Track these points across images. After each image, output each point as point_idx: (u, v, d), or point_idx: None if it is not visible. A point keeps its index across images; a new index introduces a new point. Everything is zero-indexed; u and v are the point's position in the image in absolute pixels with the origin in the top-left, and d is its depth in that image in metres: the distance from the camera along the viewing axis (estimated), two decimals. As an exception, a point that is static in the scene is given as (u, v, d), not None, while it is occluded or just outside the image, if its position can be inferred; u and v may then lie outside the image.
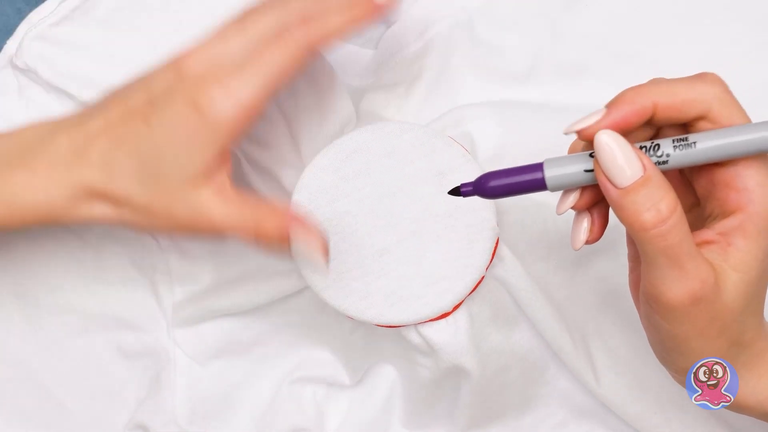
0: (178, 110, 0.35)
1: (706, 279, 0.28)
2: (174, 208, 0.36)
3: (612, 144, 0.28)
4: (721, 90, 0.29)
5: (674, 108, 0.29)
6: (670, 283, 0.28)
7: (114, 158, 0.36)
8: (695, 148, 0.28)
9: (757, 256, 0.29)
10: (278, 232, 0.36)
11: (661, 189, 0.28)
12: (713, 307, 0.29)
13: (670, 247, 0.28)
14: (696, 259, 0.28)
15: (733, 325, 0.30)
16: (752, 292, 0.29)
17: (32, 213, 0.36)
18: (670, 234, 0.28)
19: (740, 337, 0.30)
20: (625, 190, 0.28)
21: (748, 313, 0.30)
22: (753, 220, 0.28)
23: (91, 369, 0.46)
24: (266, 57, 0.34)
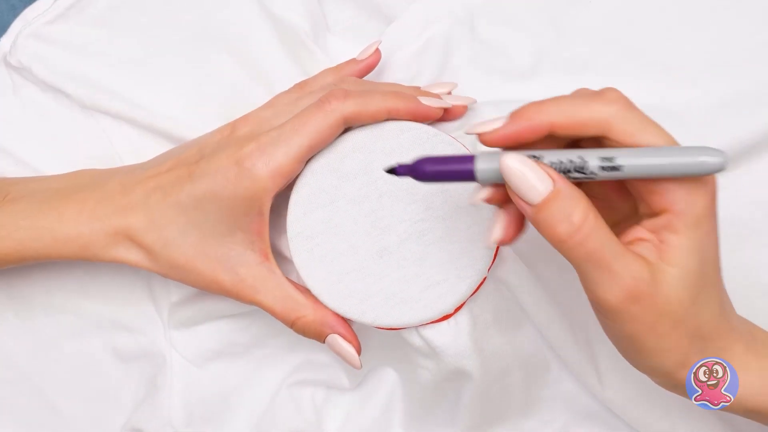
0: (221, 164, 0.37)
1: (638, 276, 0.29)
2: (217, 271, 0.39)
3: (518, 167, 0.29)
4: (619, 108, 0.29)
5: (571, 127, 0.30)
6: (603, 285, 0.29)
7: (158, 207, 0.39)
8: (622, 171, 0.28)
9: (690, 250, 0.29)
10: (316, 330, 0.39)
11: (572, 200, 0.29)
12: (655, 301, 0.29)
13: (591, 253, 0.29)
14: (623, 258, 0.29)
15: (686, 319, 0.30)
16: (695, 284, 0.30)
17: (73, 245, 0.39)
18: (588, 241, 0.29)
19: (698, 331, 0.31)
20: (537, 207, 0.29)
21: (701, 306, 0.30)
22: (680, 219, 0.29)
23: (87, 371, 0.46)
24: (304, 124, 0.37)
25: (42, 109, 0.46)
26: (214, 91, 0.45)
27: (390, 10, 0.46)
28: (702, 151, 0.27)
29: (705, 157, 0.27)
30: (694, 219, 0.29)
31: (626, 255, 0.29)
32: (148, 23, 0.46)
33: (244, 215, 0.38)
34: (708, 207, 0.29)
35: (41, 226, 0.39)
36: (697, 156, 0.27)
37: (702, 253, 0.30)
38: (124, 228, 0.39)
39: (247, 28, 0.45)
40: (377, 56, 0.43)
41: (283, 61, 0.44)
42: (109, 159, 0.46)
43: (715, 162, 0.27)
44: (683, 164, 0.28)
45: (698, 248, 0.30)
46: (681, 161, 0.28)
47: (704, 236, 0.30)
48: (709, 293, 0.31)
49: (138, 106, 0.45)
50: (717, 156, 0.27)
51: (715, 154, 0.27)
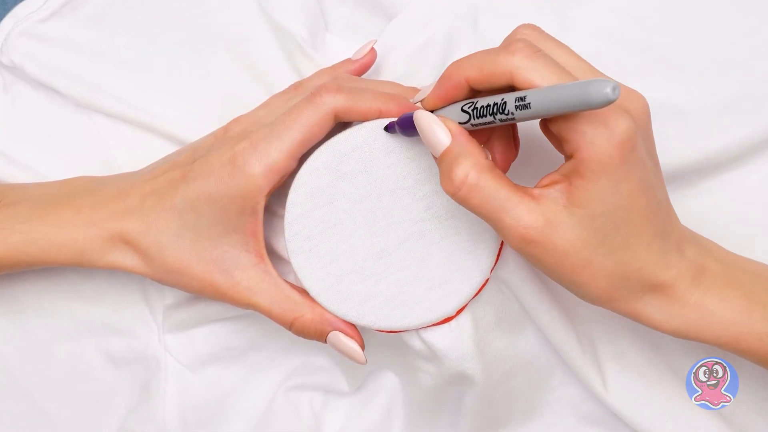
0: (214, 165, 0.38)
1: (528, 224, 0.31)
2: (212, 274, 0.39)
3: (424, 121, 0.33)
4: (521, 57, 0.31)
5: (484, 80, 0.32)
6: (502, 234, 0.32)
7: (153, 211, 0.39)
8: (532, 109, 0.30)
9: (595, 194, 0.31)
10: (315, 328, 0.39)
11: (458, 156, 0.32)
12: (554, 244, 0.31)
13: (478, 207, 0.32)
14: (513, 210, 0.31)
15: (596, 258, 0.32)
16: (603, 226, 0.31)
17: (69, 250, 0.40)
18: (470, 197, 0.32)
19: (618, 269, 0.33)
20: (438, 160, 0.33)
21: (617, 247, 0.32)
22: (584, 164, 0.31)
23: (79, 375, 0.46)
24: (295, 119, 0.37)
25: (33, 107, 0.46)
26: (212, 91, 0.45)
27: (390, 7, 0.46)
28: (591, 82, 0.28)
29: (596, 86, 0.27)
30: (598, 165, 0.30)
31: (518, 205, 0.31)
32: (144, 22, 0.46)
33: (239, 215, 0.38)
34: (614, 154, 0.30)
35: (37, 230, 0.40)
36: (585, 86, 0.28)
37: (612, 197, 0.31)
38: (119, 232, 0.39)
39: (246, 29, 0.45)
40: (372, 56, 0.43)
41: (282, 63, 0.44)
42: (103, 158, 0.46)
43: (605, 92, 0.27)
44: (574, 94, 0.28)
45: (605, 193, 0.31)
46: (571, 91, 0.28)
47: (614, 181, 0.31)
48: (629, 234, 0.32)
49: (134, 106, 0.45)
50: (604, 86, 0.27)
51: (604, 84, 0.27)
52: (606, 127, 0.30)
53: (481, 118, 0.32)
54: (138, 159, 0.45)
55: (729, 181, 0.42)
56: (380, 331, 0.40)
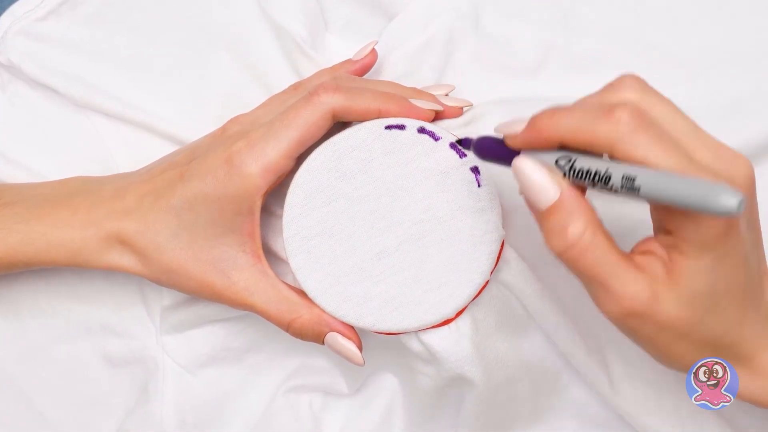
0: (211, 164, 0.38)
1: (635, 295, 0.29)
2: (208, 275, 0.39)
3: (528, 171, 0.31)
4: (626, 131, 0.29)
5: (580, 143, 0.30)
6: (601, 300, 0.30)
7: (150, 210, 0.39)
8: (640, 194, 0.28)
9: (696, 272, 0.30)
10: (313, 329, 0.39)
11: (572, 214, 0.30)
12: (655, 319, 0.30)
13: (587, 270, 0.30)
14: (621, 276, 0.29)
15: (692, 333, 0.31)
16: (702, 303, 0.30)
17: (66, 250, 0.39)
18: (583, 257, 0.30)
19: (710, 343, 0.31)
20: (542, 214, 0.30)
21: (712, 322, 0.31)
22: (686, 243, 0.29)
23: (76, 377, 0.46)
24: (293, 118, 0.37)
25: (31, 107, 0.46)
26: (211, 91, 0.45)
27: (390, 7, 0.46)
28: (720, 190, 0.26)
29: (723, 198, 0.26)
30: (701, 245, 0.29)
31: (626, 272, 0.30)
32: (143, 22, 0.46)
33: (236, 215, 0.38)
34: (718, 235, 0.29)
35: (34, 230, 0.39)
36: (715, 195, 0.26)
37: (713, 276, 0.30)
38: (117, 232, 0.39)
39: (246, 29, 0.45)
40: (373, 57, 0.42)
41: (282, 64, 0.44)
42: (101, 158, 0.46)
43: (730, 205, 0.26)
44: (698, 199, 0.27)
45: (707, 271, 0.30)
46: (697, 195, 0.27)
47: (716, 260, 0.29)
48: (725, 310, 0.31)
49: (133, 106, 0.45)
50: (731, 198, 0.26)
51: (730, 196, 0.26)
52: None
53: (576, 179, 0.30)
54: (136, 159, 0.44)
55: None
56: (379, 333, 0.40)
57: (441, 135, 0.39)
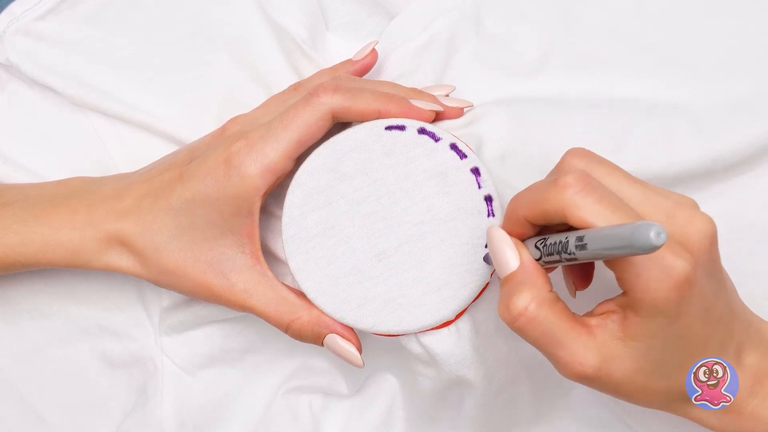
0: (210, 165, 0.38)
1: (584, 362, 0.31)
2: (207, 276, 0.39)
3: (494, 238, 0.33)
4: (572, 194, 0.30)
5: (540, 218, 0.32)
6: (554, 365, 0.32)
7: (149, 211, 0.39)
8: (588, 251, 0.29)
9: (652, 330, 0.30)
10: (312, 331, 0.39)
11: (520, 285, 0.31)
12: (610, 378, 0.31)
13: (533, 340, 0.31)
14: (569, 345, 0.31)
15: (651, 384, 0.32)
16: (658, 359, 0.31)
17: (64, 251, 0.39)
18: (527, 329, 0.31)
19: (674, 390, 0.32)
20: (501, 282, 0.33)
21: (673, 374, 0.32)
22: (639, 303, 0.30)
23: (74, 378, 0.46)
24: (292, 118, 0.37)
25: (29, 106, 0.46)
26: (210, 91, 0.45)
27: (391, 6, 0.45)
28: (636, 227, 0.26)
29: (638, 232, 0.26)
30: (653, 306, 0.30)
31: (575, 341, 0.31)
32: (142, 21, 0.46)
33: (234, 216, 0.38)
34: (670, 297, 0.30)
35: (32, 231, 0.39)
36: (631, 232, 0.26)
37: (668, 331, 0.31)
38: (115, 233, 0.39)
39: (245, 29, 0.45)
40: (374, 57, 0.42)
41: (282, 64, 0.44)
42: (100, 158, 0.46)
43: (646, 236, 0.26)
44: (621, 239, 0.27)
45: (661, 328, 0.30)
46: (619, 235, 0.27)
47: (670, 319, 0.30)
48: (685, 359, 0.32)
49: (131, 105, 0.45)
50: (648, 231, 0.26)
51: (647, 229, 0.26)
52: (661, 270, 0.29)
53: (550, 256, 0.32)
54: (135, 159, 0.44)
55: (739, 184, 0.41)
56: (378, 335, 0.39)
57: (441, 136, 0.38)
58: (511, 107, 0.42)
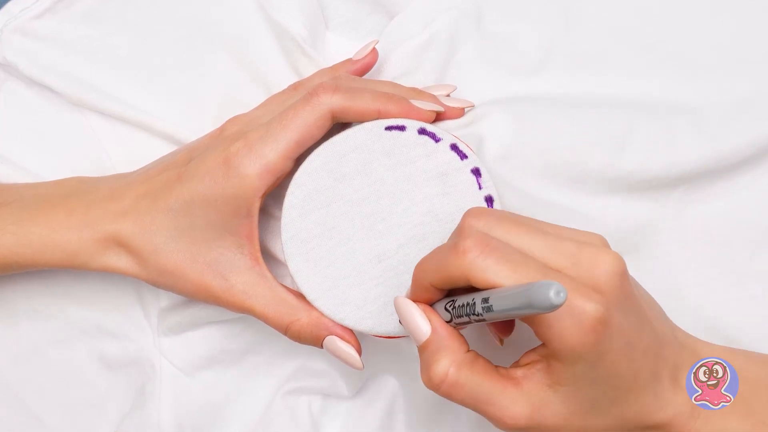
0: (209, 165, 0.37)
1: (515, 415, 0.31)
2: (206, 277, 0.38)
3: (402, 308, 0.34)
4: (472, 258, 0.30)
5: (446, 283, 0.32)
6: (489, 420, 0.32)
7: (148, 211, 0.39)
8: (494, 312, 0.29)
9: (575, 374, 0.31)
10: (311, 333, 0.39)
11: (437, 352, 0.32)
12: (544, 426, 0.32)
13: (462, 402, 0.32)
14: (498, 401, 0.31)
15: (593, 424, 0.32)
16: (588, 399, 0.32)
17: (62, 252, 0.39)
18: (452, 393, 0.32)
19: (626, 423, 0.33)
20: (419, 350, 0.33)
21: (607, 412, 0.32)
22: (559, 351, 0.30)
23: (71, 380, 0.45)
24: (292, 118, 0.37)
25: (27, 106, 0.46)
26: (209, 91, 0.45)
27: (392, 5, 0.45)
28: (533, 288, 0.26)
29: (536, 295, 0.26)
30: (571, 353, 0.30)
31: (502, 395, 0.32)
32: (140, 20, 0.46)
33: (233, 217, 0.37)
34: (585, 341, 0.30)
35: (30, 231, 0.39)
36: (529, 294, 0.26)
37: (593, 373, 0.31)
38: (113, 234, 0.39)
39: (245, 28, 0.45)
40: (374, 56, 0.42)
41: (281, 63, 0.44)
42: (98, 158, 0.45)
43: (545, 296, 0.26)
44: (522, 301, 0.27)
45: (585, 371, 0.31)
46: (519, 298, 0.27)
47: (592, 361, 0.31)
48: (617, 395, 0.32)
49: (129, 105, 0.45)
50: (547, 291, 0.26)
51: (546, 290, 0.26)
52: (573, 318, 0.30)
53: (459, 318, 0.32)
54: (133, 159, 0.44)
55: (741, 184, 0.41)
56: (378, 337, 0.39)
57: (442, 136, 0.38)
58: (511, 107, 0.42)
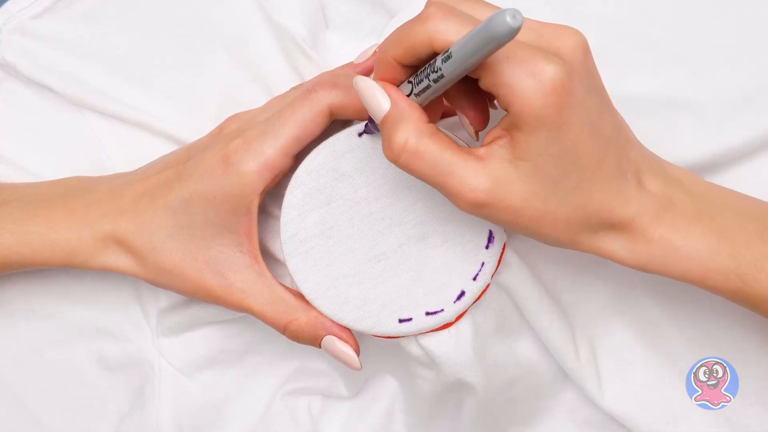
0: (208, 163, 0.37)
1: (476, 188, 0.31)
2: (204, 275, 0.38)
3: (361, 85, 0.33)
4: (435, 22, 0.30)
5: (409, 55, 0.31)
6: (450, 198, 0.32)
7: (147, 210, 0.39)
8: (455, 62, 0.29)
9: (537, 145, 0.30)
10: (309, 333, 0.39)
11: (396, 122, 0.32)
12: (506, 203, 0.31)
13: (421, 172, 0.32)
14: (459, 173, 0.31)
15: (551, 207, 0.32)
16: (552, 176, 0.31)
17: (61, 251, 0.39)
18: (412, 163, 0.31)
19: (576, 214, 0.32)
20: (380, 127, 0.33)
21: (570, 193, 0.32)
22: (520, 117, 0.30)
23: (70, 380, 0.45)
24: (290, 115, 0.37)
25: (26, 106, 0.46)
26: (209, 91, 0.45)
27: (392, 4, 0.45)
28: (492, 16, 0.27)
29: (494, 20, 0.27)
30: (532, 117, 0.30)
31: (463, 168, 0.31)
32: (139, 20, 0.45)
33: (232, 214, 0.37)
34: (547, 103, 0.30)
35: (29, 231, 0.39)
36: (488, 22, 0.27)
37: (555, 146, 0.30)
38: (112, 232, 0.39)
39: (245, 27, 0.45)
40: None
41: (281, 63, 0.44)
42: (97, 158, 0.45)
43: (502, 20, 0.26)
44: (482, 34, 0.27)
45: (547, 142, 0.30)
46: (479, 31, 0.28)
47: (554, 129, 0.30)
48: (580, 178, 0.32)
49: (129, 105, 0.45)
50: (503, 14, 0.26)
51: (502, 13, 0.26)
52: (532, 77, 0.30)
53: (420, 85, 0.32)
54: (132, 159, 0.44)
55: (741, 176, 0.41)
56: (377, 337, 0.39)
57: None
58: None
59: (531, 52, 0.30)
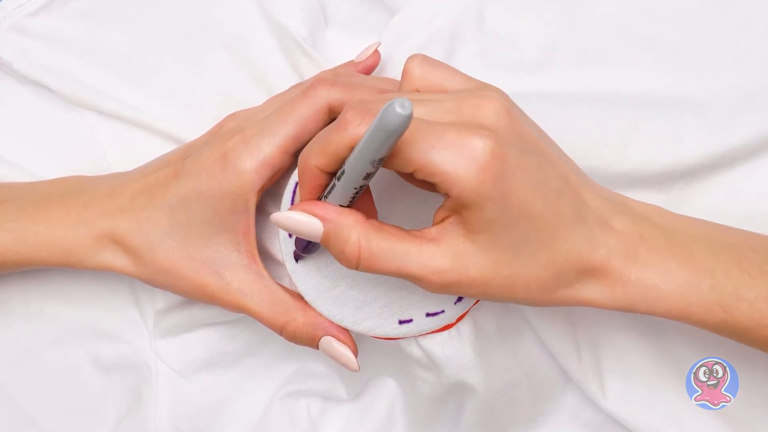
0: (206, 161, 0.37)
1: (439, 269, 0.31)
2: (201, 275, 0.38)
3: (283, 221, 0.33)
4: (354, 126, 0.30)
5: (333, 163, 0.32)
6: (418, 284, 0.32)
7: (144, 209, 0.38)
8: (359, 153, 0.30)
9: (487, 218, 0.31)
10: (307, 333, 0.38)
11: (339, 235, 0.32)
12: (471, 277, 0.31)
13: (386, 271, 0.32)
14: (418, 260, 0.31)
15: (516, 271, 0.32)
16: (511, 242, 0.31)
17: (58, 250, 0.39)
18: (374, 265, 0.31)
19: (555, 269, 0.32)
20: (325, 246, 0.33)
21: (532, 254, 0.32)
22: (463, 198, 0.30)
23: (67, 382, 0.45)
24: (290, 112, 0.37)
25: (22, 104, 0.45)
26: (208, 90, 0.45)
27: (393, 2, 0.45)
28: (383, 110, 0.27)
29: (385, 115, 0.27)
30: (473, 195, 0.30)
31: (420, 253, 0.31)
32: (138, 18, 0.45)
33: (230, 213, 0.37)
34: (484, 178, 0.30)
35: (27, 229, 0.39)
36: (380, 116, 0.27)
37: (505, 214, 0.31)
38: (110, 231, 0.39)
39: (244, 26, 0.44)
40: (376, 58, 0.42)
41: (281, 62, 0.44)
42: (95, 157, 0.45)
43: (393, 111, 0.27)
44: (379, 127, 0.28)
45: (495, 213, 0.30)
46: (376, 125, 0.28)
47: (499, 200, 0.30)
48: (540, 236, 0.32)
49: (127, 104, 0.44)
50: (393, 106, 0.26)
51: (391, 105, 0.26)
52: (463, 157, 0.30)
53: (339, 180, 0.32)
54: (130, 158, 0.44)
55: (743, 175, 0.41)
56: (377, 338, 0.39)
57: None
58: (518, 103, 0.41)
59: (456, 133, 0.30)
